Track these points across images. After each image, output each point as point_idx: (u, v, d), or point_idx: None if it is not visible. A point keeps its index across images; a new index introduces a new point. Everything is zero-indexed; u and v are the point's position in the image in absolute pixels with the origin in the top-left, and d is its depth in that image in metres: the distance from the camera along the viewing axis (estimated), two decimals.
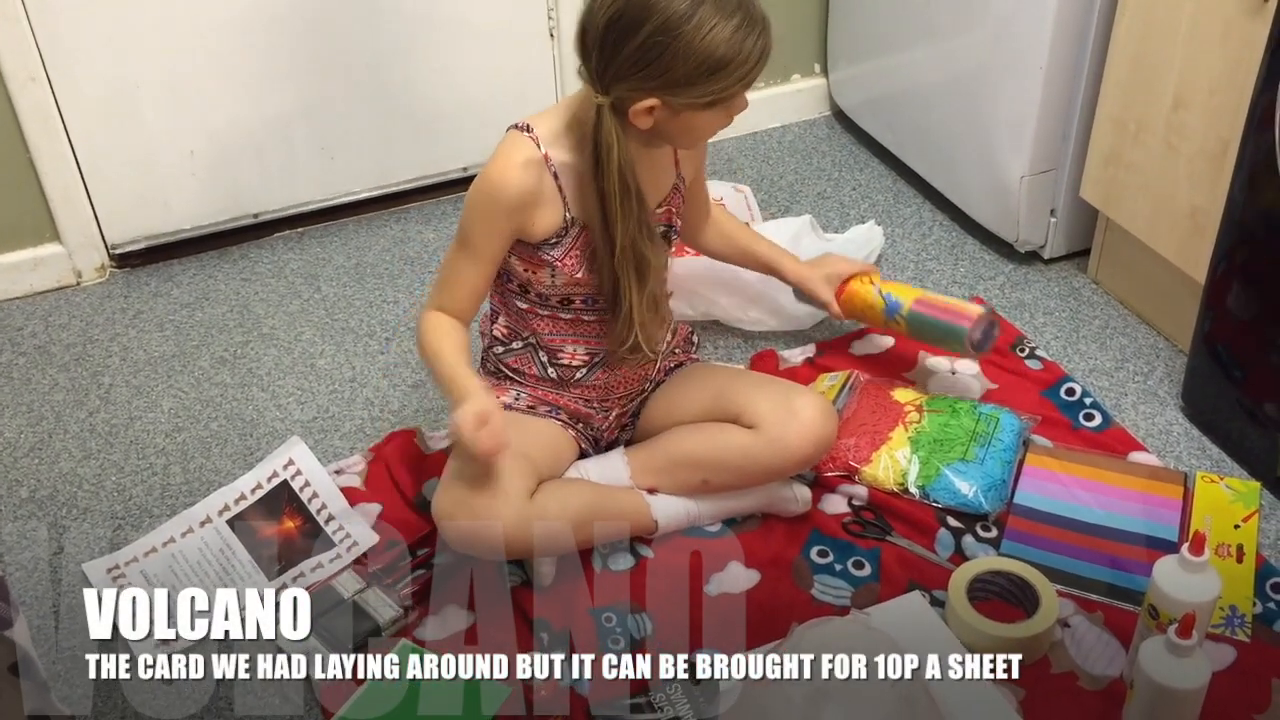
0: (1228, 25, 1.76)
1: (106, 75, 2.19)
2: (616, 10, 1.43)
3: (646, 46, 1.42)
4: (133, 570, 1.73)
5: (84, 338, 2.20)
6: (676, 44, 1.42)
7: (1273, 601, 1.62)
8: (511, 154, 1.54)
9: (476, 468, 1.57)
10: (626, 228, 1.54)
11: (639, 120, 1.49)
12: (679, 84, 1.45)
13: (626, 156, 1.50)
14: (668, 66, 1.43)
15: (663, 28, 1.41)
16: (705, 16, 1.41)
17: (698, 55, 1.42)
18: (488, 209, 1.56)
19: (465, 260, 1.60)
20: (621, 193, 1.51)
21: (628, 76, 1.45)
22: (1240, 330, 1.80)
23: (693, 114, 1.50)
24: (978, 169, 2.27)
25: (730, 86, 1.47)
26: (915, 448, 1.81)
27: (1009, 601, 1.62)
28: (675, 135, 1.56)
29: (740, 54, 1.44)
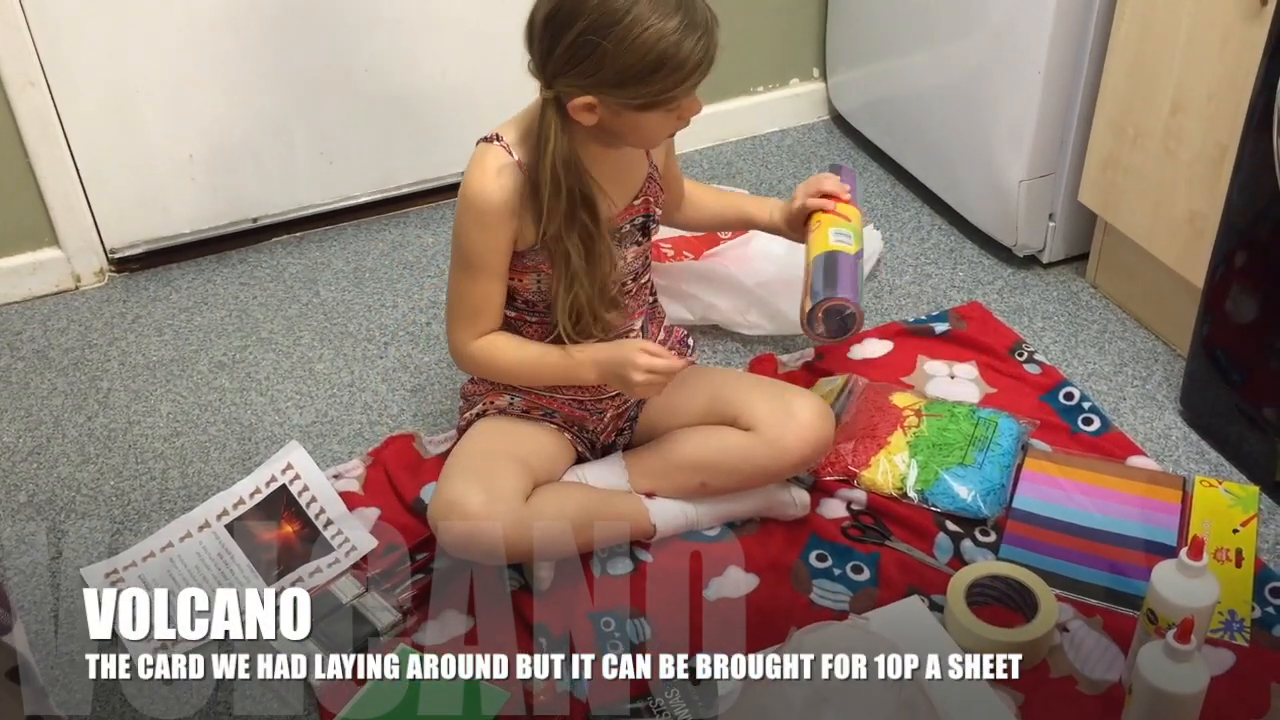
0: (1226, 30, 1.77)
1: (105, 80, 2.19)
2: (554, 5, 1.42)
3: (579, 44, 1.40)
4: (131, 575, 1.73)
5: (82, 342, 2.20)
6: (608, 43, 1.38)
7: (1271, 606, 1.62)
8: (485, 164, 1.54)
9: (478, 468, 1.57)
10: (552, 219, 1.52)
11: (580, 116, 1.47)
12: (612, 83, 1.42)
13: (563, 151, 1.48)
14: (600, 65, 1.40)
15: (595, 25, 1.39)
16: (640, 15, 1.38)
17: (631, 55, 1.39)
18: (478, 224, 1.54)
19: (476, 281, 1.59)
20: (552, 185, 1.49)
21: (565, 72, 1.44)
22: (1239, 335, 1.80)
23: (634, 114, 1.46)
24: (976, 173, 2.28)
25: (667, 90, 1.43)
26: (914, 452, 1.81)
27: (1008, 606, 1.62)
28: (624, 134, 1.52)
29: (677, 56, 1.40)
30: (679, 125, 1.53)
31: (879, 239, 2.29)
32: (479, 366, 1.66)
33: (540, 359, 1.63)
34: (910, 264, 2.31)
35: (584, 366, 1.61)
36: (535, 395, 1.72)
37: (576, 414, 1.73)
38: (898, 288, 2.25)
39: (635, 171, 1.64)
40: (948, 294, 2.23)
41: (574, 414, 1.73)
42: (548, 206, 1.51)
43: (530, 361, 1.63)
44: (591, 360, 1.60)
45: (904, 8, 2.37)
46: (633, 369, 1.55)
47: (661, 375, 1.56)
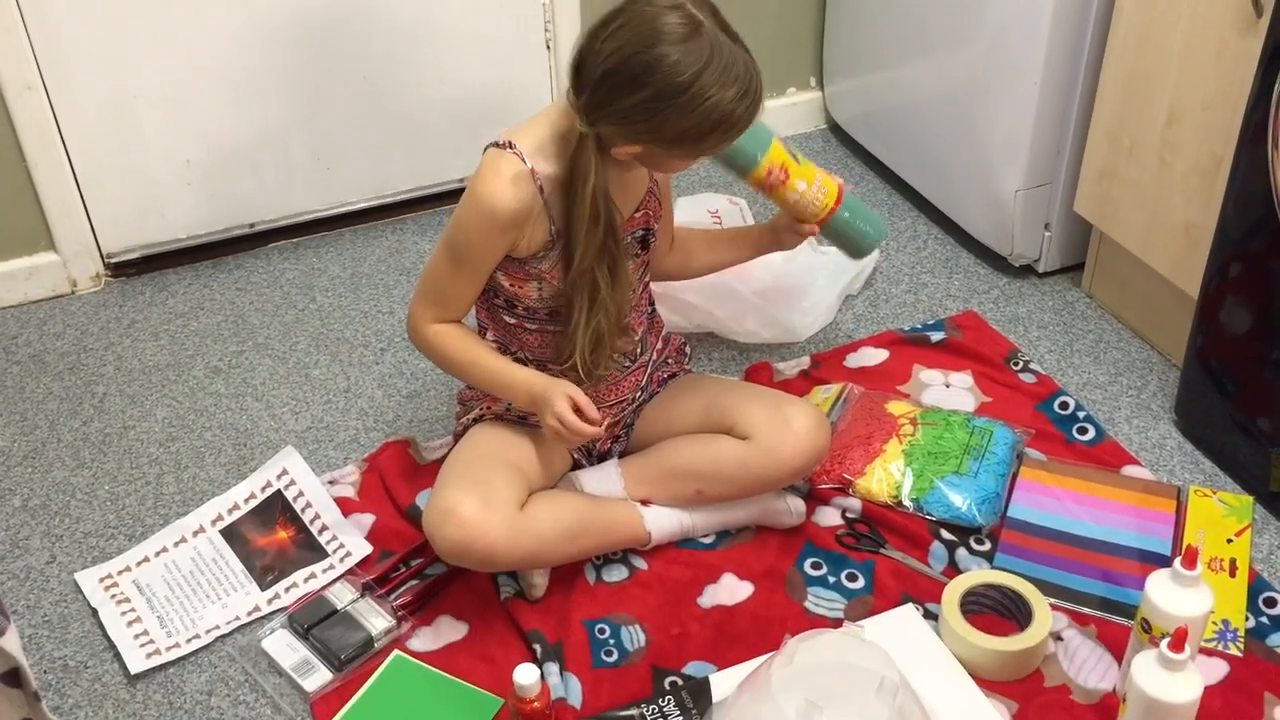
0: (1221, 42, 1.77)
1: (103, 85, 2.19)
2: (617, 63, 1.42)
3: (641, 107, 1.42)
4: (125, 579, 1.73)
5: (78, 346, 2.20)
6: (671, 110, 1.41)
7: (1265, 616, 1.62)
8: (501, 169, 1.53)
9: (473, 475, 1.57)
10: (587, 252, 1.53)
11: (620, 155, 1.50)
12: (668, 142, 1.46)
13: (602, 185, 1.50)
14: (659, 127, 1.44)
15: (659, 94, 1.41)
16: (705, 85, 1.41)
17: (693, 120, 1.43)
18: (483, 226, 1.55)
19: (458, 274, 1.60)
20: (591, 219, 1.51)
21: (618, 124, 1.45)
22: (1233, 345, 1.80)
23: (670, 155, 1.51)
24: (972, 183, 2.28)
25: (715, 143, 1.48)
26: (909, 460, 1.81)
27: (1002, 615, 1.62)
28: (652, 166, 1.59)
29: (731, 119, 1.45)
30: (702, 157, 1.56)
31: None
32: (428, 349, 1.66)
33: (484, 365, 1.63)
34: (906, 273, 2.32)
35: (518, 386, 1.61)
36: None
37: None
38: (894, 296, 2.26)
39: (638, 185, 1.65)
40: (943, 303, 2.23)
41: None
42: (585, 238, 1.52)
43: (474, 365, 1.63)
44: (526, 385, 1.60)
45: (901, 18, 2.37)
46: (550, 413, 1.55)
47: (569, 432, 1.55)
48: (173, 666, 1.62)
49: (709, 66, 1.40)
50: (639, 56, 1.40)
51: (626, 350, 1.68)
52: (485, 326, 1.72)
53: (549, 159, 1.54)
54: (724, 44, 1.43)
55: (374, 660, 1.60)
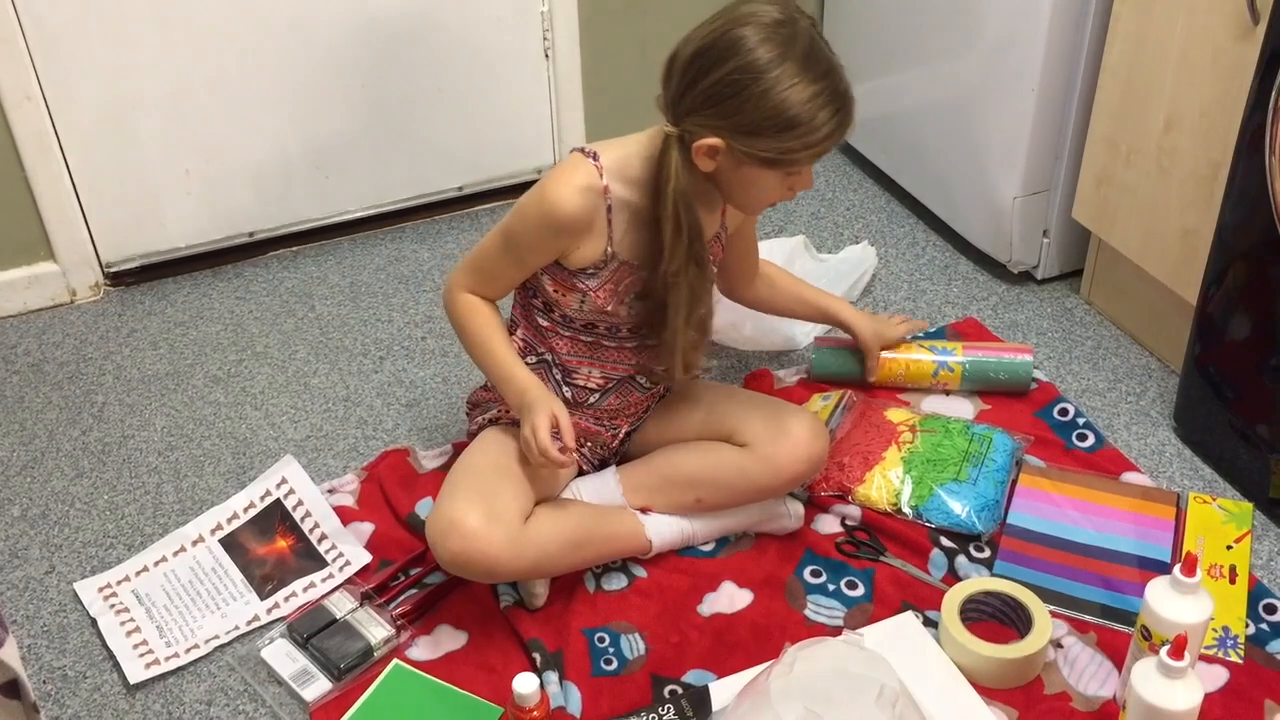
0: (1218, 49, 1.78)
1: (102, 95, 2.19)
2: (707, 42, 1.44)
3: (724, 83, 1.42)
4: (124, 589, 1.73)
5: (78, 356, 2.20)
6: (753, 88, 1.41)
7: (1265, 623, 1.62)
8: (573, 176, 1.53)
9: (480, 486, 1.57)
10: (674, 257, 1.53)
11: (701, 160, 1.48)
12: (746, 130, 1.44)
13: (683, 189, 1.49)
14: (739, 109, 1.43)
15: (744, 68, 1.41)
16: (788, 71, 1.41)
17: (770, 106, 1.42)
18: (540, 224, 1.55)
19: (508, 260, 1.61)
20: (674, 222, 1.51)
21: (700, 110, 1.45)
22: (1231, 351, 1.80)
23: (753, 169, 1.48)
24: (971, 190, 2.28)
25: (795, 150, 1.45)
26: (908, 467, 1.81)
27: (1002, 622, 1.61)
28: (732, 189, 1.55)
29: (813, 120, 1.43)
30: (786, 195, 1.56)
31: (873, 255, 2.30)
32: (454, 314, 1.67)
33: (494, 350, 1.64)
34: (905, 280, 2.32)
35: (514, 383, 1.62)
36: None
37: (593, 429, 1.73)
38: (893, 303, 2.26)
39: (711, 226, 1.64)
40: (942, 310, 2.23)
41: (589, 430, 1.73)
42: (669, 244, 1.52)
43: (486, 345, 1.64)
44: (521, 386, 1.61)
45: (899, 25, 2.38)
46: (528, 423, 1.57)
47: (537, 448, 1.56)
48: (172, 676, 1.62)
49: (794, 55, 1.42)
50: (728, 34, 1.42)
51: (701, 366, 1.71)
52: (517, 323, 1.72)
53: (625, 182, 1.54)
54: (818, 43, 1.44)
55: (373, 669, 1.60)
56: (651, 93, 1.54)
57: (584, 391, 1.70)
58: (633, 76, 2.52)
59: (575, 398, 1.70)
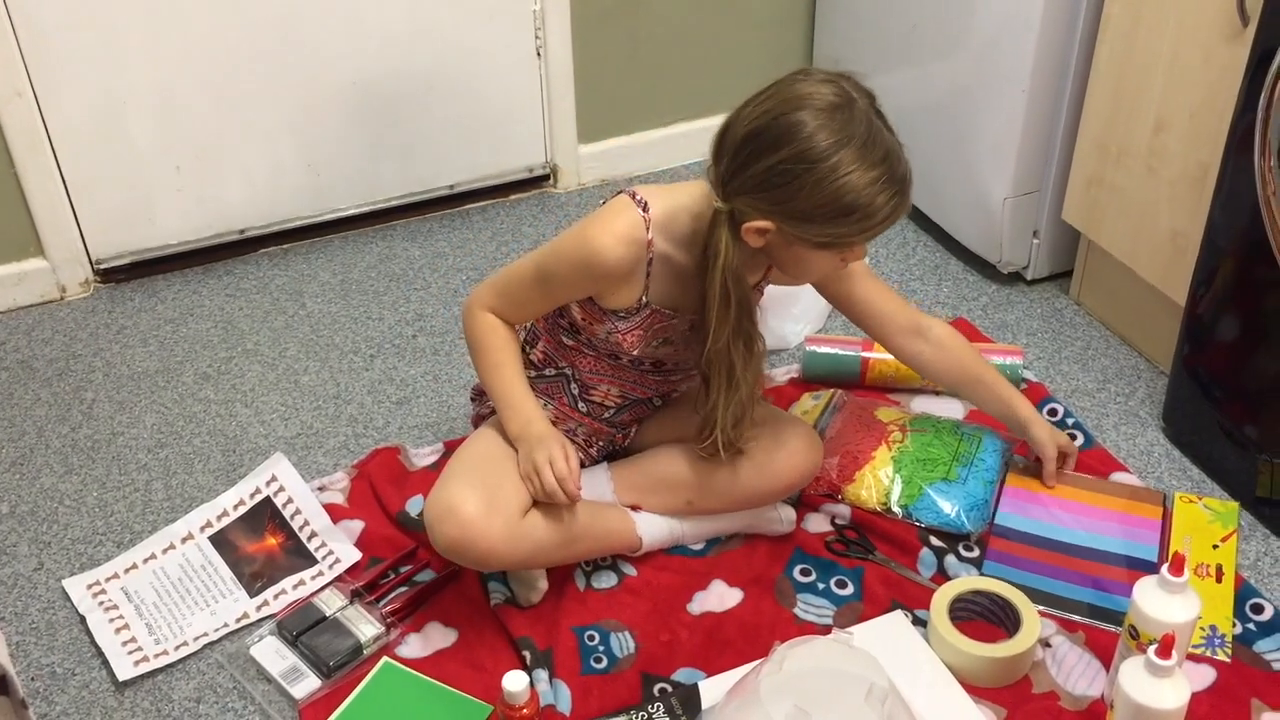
0: (1208, 51, 1.78)
1: (93, 91, 2.19)
2: (761, 125, 1.38)
3: (777, 171, 1.37)
4: (113, 586, 1.73)
5: (67, 353, 2.19)
6: (808, 177, 1.36)
7: (1252, 622, 1.63)
8: (618, 227, 1.50)
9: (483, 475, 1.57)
10: (721, 332, 1.50)
11: (750, 238, 1.44)
12: (799, 217, 1.40)
13: (733, 265, 1.46)
14: (792, 196, 1.38)
15: (799, 157, 1.36)
16: (845, 160, 1.36)
17: (826, 195, 1.37)
18: (578, 267, 1.52)
19: (538, 292, 1.58)
20: (722, 299, 1.48)
21: (751, 192, 1.40)
22: (1220, 353, 1.81)
23: (805, 249, 1.44)
24: (961, 190, 2.29)
25: (850, 235, 1.41)
26: (898, 467, 1.82)
27: (990, 621, 1.62)
28: (783, 263, 1.51)
29: (870, 207, 1.38)
30: (839, 268, 1.53)
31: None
32: (471, 328, 1.64)
33: (504, 375, 1.61)
34: (895, 280, 2.32)
35: (521, 412, 1.59)
36: (567, 410, 1.71)
37: (605, 431, 1.73)
38: None
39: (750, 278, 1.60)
40: (933, 310, 2.24)
41: (601, 431, 1.73)
42: (717, 318, 1.49)
43: (498, 369, 1.62)
44: (527, 417, 1.59)
45: (890, 26, 2.38)
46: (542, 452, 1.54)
47: (545, 479, 1.54)
48: (161, 674, 1.62)
49: (852, 140, 1.36)
50: (783, 119, 1.37)
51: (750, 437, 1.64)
52: (539, 336, 1.70)
53: (670, 236, 1.51)
54: (876, 126, 1.39)
55: (363, 667, 1.60)
56: (644, 92, 1.53)
57: (600, 408, 1.70)
58: (624, 76, 2.52)
59: (591, 412, 1.70)
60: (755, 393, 1.60)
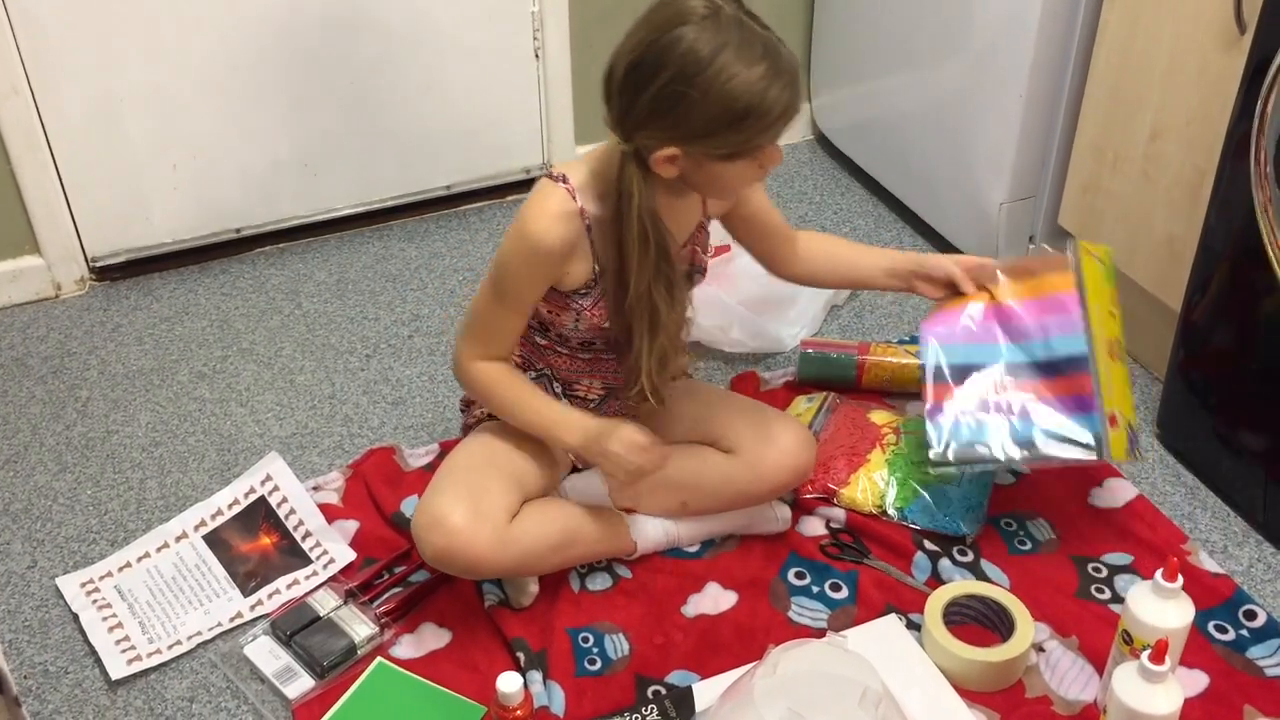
0: (1205, 58, 1.79)
1: (90, 88, 2.18)
2: (639, 55, 1.38)
3: (665, 94, 1.37)
4: (107, 585, 1.72)
5: (62, 350, 2.19)
6: (695, 92, 1.36)
7: (1246, 629, 1.63)
8: (549, 206, 1.50)
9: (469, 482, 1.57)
10: (642, 277, 1.50)
11: (662, 169, 1.45)
12: (699, 134, 1.40)
13: (648, 206, 1.46)
14: (686, 114, 1.38)
15: (681, 74, 1.36)
16: (725, 64, 1.35)
17: (717, 104, 1.37)
18: (529, 261, 1.52)
19: (503, 311, 1.57)
20: (640, 242, 1.48)
21: (647, 125, 1.41)
22: (1215, 359, 1.82)
23: (717, 164, 1.44)
24: (958, 195, 2.29)
25: (754, 138, 1.41)
26: (893, 469, 1.82)
27: (984, 626, 1.62)
28: (703, 185, 1.51)
29: (763, 105, 1.38)
30: (759, 175, 1.52)
31: None
32: (473, 387, 1.64)
33: (532, 405, 1.61)
34: None
35: (571, 424, 1.59)
36: None
37: None
38: (879, 308, 2.26)
39: (690, 220, 1.62)
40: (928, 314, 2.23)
41: None
42: (637, 263, 1.49)
43: (520, 404, 1.61)
44: (580, 423, 1.59)
45: (888, 31, 2.38)
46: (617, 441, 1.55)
47: (639, 457, 1.56)
48: (154, 673, 1.62)
49: (728, 45, 1.35)
50: (658, 43, 1.37)
51: (684, 369, 1.64)
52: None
53: (595, 196, 1.51)
54: (747, 25, 1.38)
55: (356, 667, 1.60)
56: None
57: (584, 402, 1.71)
58: None
59: (576, 406, 1.70)
60: (679, 337, 1.60)
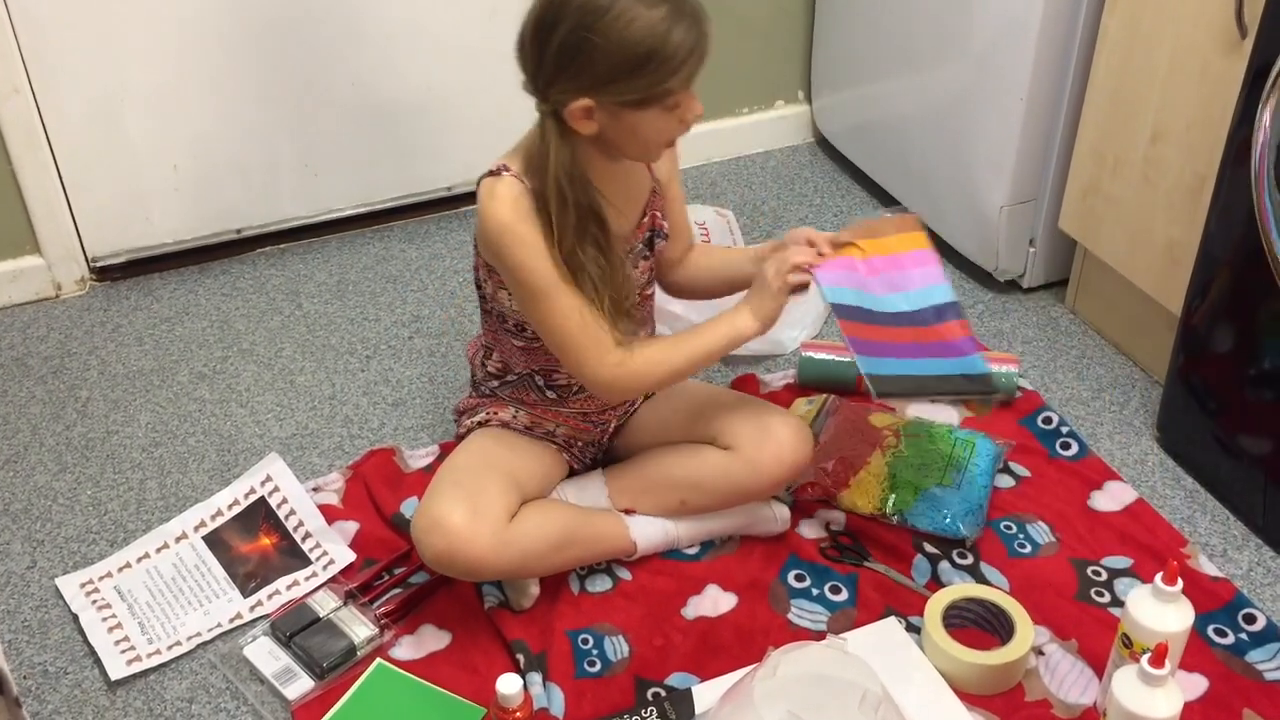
0: (1205, 62, 1.79)
1: (91, 88, 2.18)
2: (540, 11, 1.42)
3: (568, 44, 1.39)
4: (106, 585, 1.72)
5: (62, 350, 2.19)
6: (596, 37, 1.38)
7: (1245, 632, 1.63)
8: (499, 193, 1.51)
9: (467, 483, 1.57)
10: (565, 236, 1.50)
11: (580, 125, 1.46)
12: (605, 80, 1.41)
13: (567, 163, 1.47)
14: (591, 61, 1.39)
15: (580, 22, 1.38)
16: (624, 8, 1.37)
17: (619, 48, 1.38)
18: (524, 242, 1.49)
19: (564, 299, 1.51)
20: (558, 200, 1.48)
21: (557, 78, 1.43)
22: (1215, 363, 1.82)
23: (633, 115, 1.45)
24: (958, 198, 2.29)
25: (661, 82, 1.41)
26: (893, 472, 1.82)
27: (984, 629, 1.62)
28: (625, 142, 1.50)
29: (666, 47, 1.39)
30: (680, 129, 1.51)
31: None
32: (642, 383, 1.61)
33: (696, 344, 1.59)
34: None
35: (738, 320, 1.58)
36: (542, 411, 1.71)
37: (581, 426, 1.73)
38: None
39: (640, 187, 1.63)
40: None
41: (578, 426, 1.73)
42: (557, 222, 1.49)
43: (696, 347, 1.59)
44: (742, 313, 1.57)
45: (888, 33, 2.39)
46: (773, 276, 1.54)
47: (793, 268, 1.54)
48: (153, 673, 1.62)
49: None
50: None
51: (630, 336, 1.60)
52: (491, 348, 1.71)
53: (534, 173, 1.52)
54: None
55: (356, 669, 1.60)
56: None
57: (566, 388, 1.70)
58: None
59: (560, 395, 1.70)
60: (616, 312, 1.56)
